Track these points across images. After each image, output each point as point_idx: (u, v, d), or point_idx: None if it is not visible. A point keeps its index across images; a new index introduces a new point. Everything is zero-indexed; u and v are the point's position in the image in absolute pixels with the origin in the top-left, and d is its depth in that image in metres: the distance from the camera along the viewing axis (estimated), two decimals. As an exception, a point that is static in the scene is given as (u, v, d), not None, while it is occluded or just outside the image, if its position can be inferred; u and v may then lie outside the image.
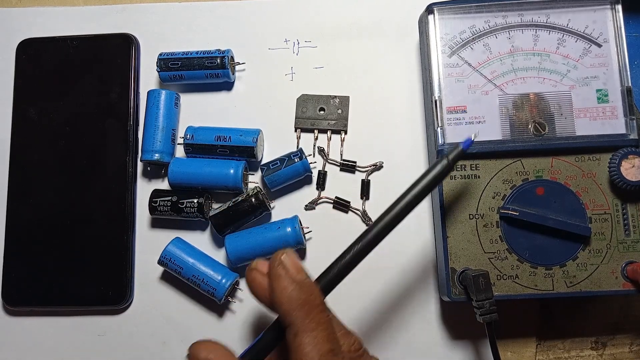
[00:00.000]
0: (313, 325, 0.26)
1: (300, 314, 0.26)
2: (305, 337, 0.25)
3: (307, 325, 0.26)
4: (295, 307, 0.26)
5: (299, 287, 0.27)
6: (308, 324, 0.26)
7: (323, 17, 0.44)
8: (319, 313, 0.26)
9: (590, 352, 0.41)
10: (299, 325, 0.26)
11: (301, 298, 0.27)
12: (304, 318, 0.26)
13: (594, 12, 0.37)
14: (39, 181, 0.42)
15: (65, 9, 0.46)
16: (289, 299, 0.27)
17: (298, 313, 0.26)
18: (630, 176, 0.35)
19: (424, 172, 0.32)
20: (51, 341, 0.42)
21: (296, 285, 0.27)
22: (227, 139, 0.40)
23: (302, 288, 0.27)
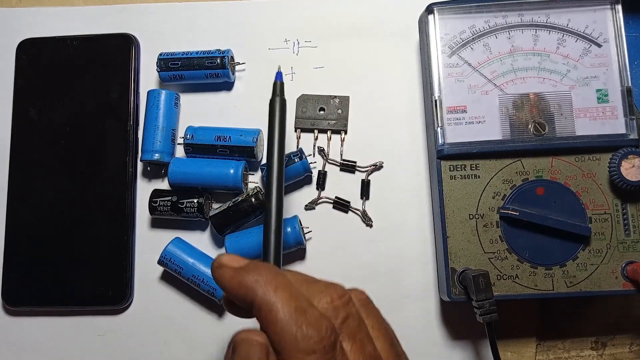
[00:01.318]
0: (270, 293, 0.25)
1: (256, 292, 0.25)
2: (269, 308, 0.25)
3: (265, 297, 0.25)
4: (250, 288, 0.26)
5: (243, 271, 0.27)
6: (265, 295, 0.25)
7: (323, 17, 0.44)
8: (272, 280, 0.26)
9: (590, 352, 0.41)
10: (259, 301, 0.25)
11: (251, 278, 0.26)
12: (260, 293, 0.25)
13: (594, 12, 0.37)
14: (39, 181, 0.42)
15: (65, 9, 0.46)
16: (240, 285, 0.26)
17: (253, 292, 0.25)
18: (630, 176, 0.35)
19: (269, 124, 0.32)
20: (51, 341, 0.42)
21: (239, 269, 0.27)
22: (227, 139, 0.40)
23: (246, 271, 0.26)
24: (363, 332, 0.27)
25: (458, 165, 0.37)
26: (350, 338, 0.26)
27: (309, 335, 0.24)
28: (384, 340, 0.28)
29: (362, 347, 0.26)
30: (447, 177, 0.37)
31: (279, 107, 0.33)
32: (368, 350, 0.26)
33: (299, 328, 0.24)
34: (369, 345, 0.27)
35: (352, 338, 0.26)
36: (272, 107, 0.33)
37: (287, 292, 0.25)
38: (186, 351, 0.41)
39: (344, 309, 0.27)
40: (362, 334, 0.27)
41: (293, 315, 0.24)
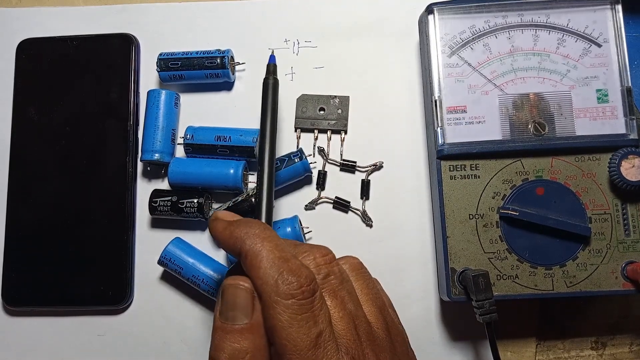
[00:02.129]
0: (257, 245, 0.27)
1: (244, 241, 0.27)
2: (254, 255, 0.26)
3: (252, 246, 0.27)
4: (239, 238, 0.27)
5: (235, 224, 0.28)
6: (252, 244, 0.27)
7: (323, 17, 0.44)
8: (260, 233, 0.27)
9: (590, 352, 0.41)
10: (246, 249, 0.27)
11: (242, 230, 0.27)
12: (248, 243, 0.27)
13: (594, 12, 0.37)
14: (39, 181, 0.42)
15: (65, 9, 0.46)
16: (231, 236, 0.28)
17: (242, 242, 0.27)
18: (630, 176, 0.35)
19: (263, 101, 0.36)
20: (51, 341, 0.42)
21: (231, 222, 0.28)
22: (227, 139, 0.40)
23: (238, 224, 0.28)
24: (345, 290, 0.28)
25: (458, 165, 0.37)
26: (331, 294, 0.27)
27: (289, 281, 0.25)
28: (371, 304, 0.29)
29: (343, 304, 0.27)
30: (447, 177, 0.37)
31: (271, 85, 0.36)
32: (349, 307, 0.27)
33: (280, 274, 0.26)
34: (351, 304, 0.27)
35: (332, 294, 0.27)
36: (266, 85, 0.36)
37: (273, 243, 0.27)
38: (186, 351, 0.41)
39: (326, 266, 0.28)
40: (344, 292, 0.28)
41: (276, 262, 0.26)
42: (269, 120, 0.35)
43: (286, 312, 0.25)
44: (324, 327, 0.25)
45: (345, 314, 0.27)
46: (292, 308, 0.25)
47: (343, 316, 0.26)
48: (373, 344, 0.27)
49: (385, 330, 0.28)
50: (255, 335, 0.26)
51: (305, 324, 0.25)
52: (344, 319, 0.26)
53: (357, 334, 0.26)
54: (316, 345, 0.25)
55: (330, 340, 0.25)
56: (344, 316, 0.27)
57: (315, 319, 0.25)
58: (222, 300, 0.27)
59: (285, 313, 0.25)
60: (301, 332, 0.25)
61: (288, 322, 0.25)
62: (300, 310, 0.25)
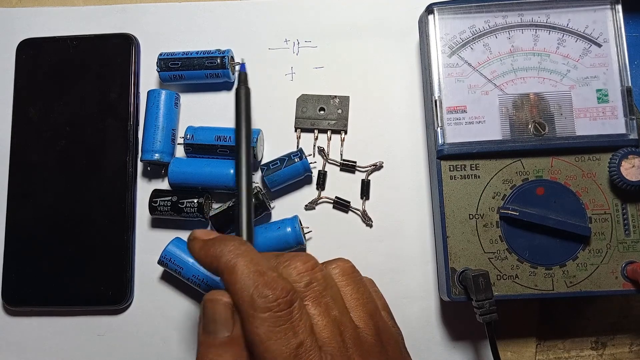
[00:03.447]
0: (232, 260, 0.27)
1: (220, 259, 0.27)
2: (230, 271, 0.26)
3: (228, 263, 0.27)
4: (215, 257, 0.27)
5: (211, 242, 0.28)
6: (228, 261, 0.27)
7: (323, 17, 0.44)
8: (235, 249, 0.27)
9: (590, 352, 0.41)
10: (222, 266, 0.27)
11: (217, 248, 0.27)
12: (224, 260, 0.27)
13: (594, 12, 0.37)
14: (39, 181, 0.42)
15: (65, 9, 0.46)
16: (208, 254, 0.28)
17: (217, 260, 0.27)
18: (630, 176, 0.35)
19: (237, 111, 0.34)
20: (51, 341, 0.42)
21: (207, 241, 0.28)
22: (227, 139, 0.40)
23: (213, 242, 0.28)
24: (330, 296, 0.27)
25: (458, 165, 0.37)
26: (314, 301, 0.27)
27: (264, 294, 0.25)
28: (361, 309, 0.29)
29: (327, 311, 0.27)
30: (447, 177, 0.37)
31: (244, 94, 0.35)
32: (334, 314, 0.27)
33: (256, 288, 0.25)
34: (336, 310, 0.27)
35: (315, 302, 0.27)
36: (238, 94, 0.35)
37: (248, 257, 0.27)
38: (186, 351, 0.41)
39: (307, 274, 0.27)
40: (329, 298, 0.27)
41: (251, 276, 0.26)
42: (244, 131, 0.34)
43: (263, 325, 0.25)
44: (304, 337, 0.25)
45: (329, 321, 0.26)
46: (269, 321, 0.25)
47: (327, 323, 0.26)
48: (361, 349, 0.27)
49: (376, 335, 0.28)
50: (236, 348, 0.26)
51: (283, 336, 0.25)
52: (328, 326, 0.26)
53: (342, 341, 0.26)
54: (296, 356, 0.25)
55: (312, 349, 0.25)
56: (328, 323, 0.26)
57: (294, 329, 0.25)
58: (204, 314, 0.27)
59: (262, 326, 0.25)
60: (280, 344, 0.25)
61: (266, 335, 0.25)
62: (278, 322, 0.25)
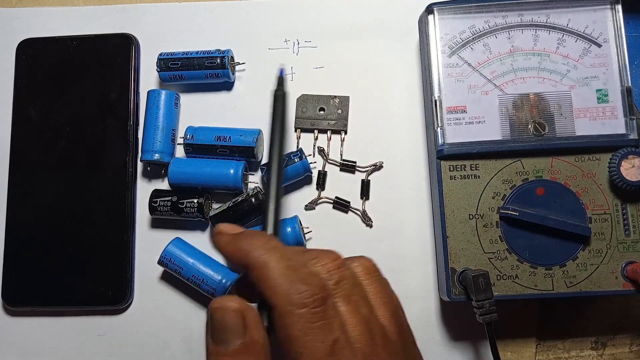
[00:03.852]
0: (264, 256, 0.26)
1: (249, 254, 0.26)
2: (262, 266, 0.26)
3: (259, 258, 0.26)
4: (244, 251, 0.27)
5: (239, 237, 0.28)
6: (259, 256, 0.26)
7: (323, 17, 0.44)
8: (265, 244, 0.27)
9: (590, 352, 0.41)
10: (252, 261, 0.26)
11: (246, 242, 0.27)
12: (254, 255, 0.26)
13: (594, 12, 0.37)
14: (39, 181, 0.42)
15: (65, 9, 0.46)
16: (237, 249, 0.27)
17: (247, 255, 0.26)
18: (630, 176, 0.35)
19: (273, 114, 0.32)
20: (51, 341, 0.42)
21: (235, 235, 0.28)
22: (227, 139, 0.40)
23: (242, 236, 0.28)
24: (358, 295, 0.27)
25: (458, 165, 0.37)
26: (344, 299, 0.26)
27: (300, 290, 0.25)
28: (385, 309, 0.29)
29: (357, 309, 0.27)
30: (447, 177, 0.37)
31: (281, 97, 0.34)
32: (363, 312, 0.27)
33: (291, 282, 0.25)
34: (365, 308, 0.27)
35: (345, 299, 0.27)
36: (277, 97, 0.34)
37: (279, 253, 0.26)
38: (186, 351, 0.41)
39: (336, 271, 0.27)
40: (357, 296, 0.27)
41: (284, 271, 0.25)
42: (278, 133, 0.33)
43: (300, 321, 0.24)
44: (339, 334, 0.25)
45: (359, 319, 0.26)
46: (305, 317, 0.24)
47: (358, 321, 0.26)
48: (388, 347, 0.27)
49: (399, 334, 0.28)
50: (251, 354, 0.25)
51: (320, 332, 0.25)
52: (359, 324, 0.26)
53: (372, 339, 0.26)
54: (333, 353, 0.24)
55: (346, 346, 0.25)
56: (359, 321, 0.26)
57: (329, 326, 0.25)
58: (212, 324, 0.26)
59: (299, 322, 0.24)
60: (317, 340, 0.24)
61: (303, 332, 0.24)
62: (314, 318, 0.25)
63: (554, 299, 0.37)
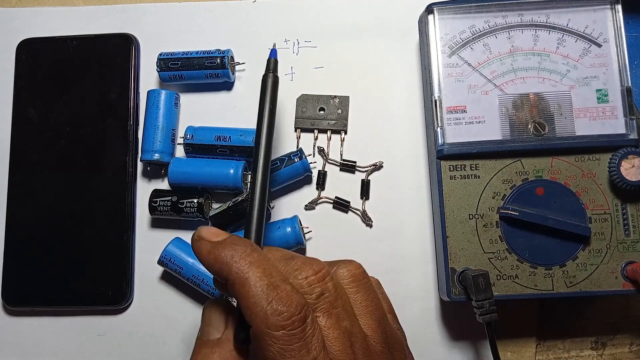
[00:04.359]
0: (245, 268, 0.26)
1: (230, 268, 0.26)
2: (242, 283, 0.25)
3: (239, 273, 0.26)
4: (225, 263, 0.26)
5: (220, 246, 0.27)
6: (239, 271, 0.26)
7: (323, 17, 0.44)
8: (247, 256, 0.26)
9: (590, 352, 0.41)
10: (233, 276, 0.26)
11: (227, 253, 0.27)
12: (235, 269, 0.26)
13: (594, 12, 0.37)
14: (39, 181, 0.42)
15: (65, 9, 0.46)
16: (216, 259, 0.27)
17: (228, 268, 0.26)
18: (630, 176, 0.35)
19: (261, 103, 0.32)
20: (51, 341, 0.42)
21: (216, 244, 0.27)
22: (227, 139, 0.40)
23: (223, 246, 0.27)
24: (341, 306, 0.27)
25: (458, 165, 0.37)
26: (325, 313, 0.26)
27: (279, 311, 0.25)
28: (369, 317, 0.28)
29: (338, 322, 0.26)
30: (447, 177, 0.37)
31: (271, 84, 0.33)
32: (344, 325, 0.26)
33: (269, 303, 0.25)
34: (346, 321, 0.27)
35: (327, 313, 0.26)
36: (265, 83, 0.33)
37: (261, 268, 0.26)
38: (186, 351, 0.41)
39: (319, 284, 0.27)
40: (339, 309, 0.27)
41: (265, 290, 0.25)
42: (266, 124, 0.32)
43: (277, 343, 0.24)
44: (317, 353, 0.25)
45: (340, 333, 0.26)
46: (283, 339, 0.24)
47: (338, 335, 0.26)
48: (372, 359, 0.27)
49: (383, 343, 0.28)
50: (223, 349, 0.27)
51: (298, 353, 0.24)
52: (339, 339, 0.26)
53: (352, 352, 0.26)
54: None
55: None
56: (339, 335, 0.26)
57: (307, 346, 0.24)
58: (202, 319, 0.29)
59: (276, 344, 0.24)
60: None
61: (280, 353, 0.24)
62: (292, 340, 0.24)
63: (554, 299, 0.37)
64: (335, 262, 0.31)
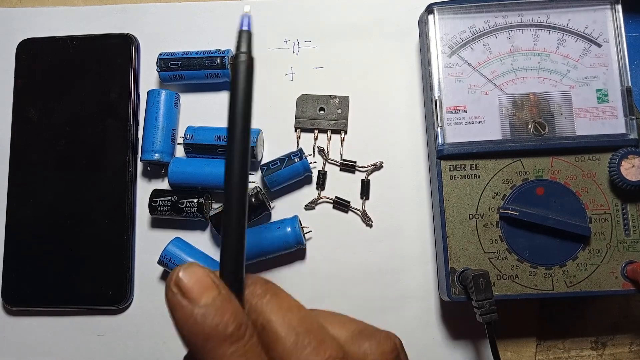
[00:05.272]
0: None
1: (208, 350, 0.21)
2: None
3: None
4: (201, 342, 0.21)
5: (202, 314, 0.21)
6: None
7: (323, 17, 0.44)
8: (233, 343, 0.21)
9: (590, 352, 0.41)
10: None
11: (207, 329, 0.21)
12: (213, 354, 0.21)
13: (594, 12, 0.37)
14: (39, 181, 0.42)
15: (65, 9, 0.46)
16: (192, 332, 0.22)
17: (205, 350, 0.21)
18: (630, 176, 0.35)
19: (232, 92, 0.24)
20: (51, 341, 0.42)
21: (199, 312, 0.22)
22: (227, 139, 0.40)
23: (207, 315, 0.21)
24: None
25: (458, 165, 0.37)
26: None
27: None
28: None
29: None
30: (447, 177, 0.37)
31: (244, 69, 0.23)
32: None
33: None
34: None
35: None
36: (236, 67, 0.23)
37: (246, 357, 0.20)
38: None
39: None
40: None
41: None
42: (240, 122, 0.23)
43: None
44: None
45: None
46: None
47: None
48: None
49: None
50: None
51: None
52: None
53: None
54: None
55: None
56: None
57: None
58: None
59: None
60: None
61: None
62: None
63: (554, 299, 0.37)
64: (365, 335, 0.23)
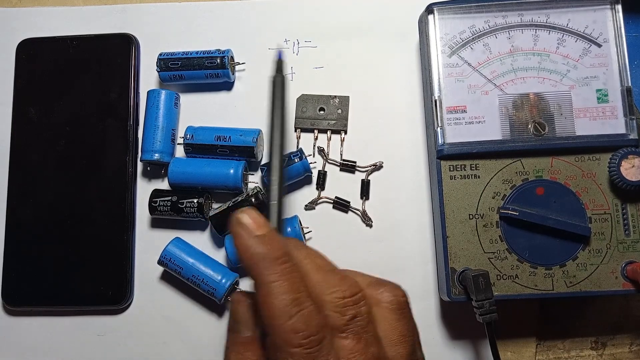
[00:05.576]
0: (273, 277, 0.25)
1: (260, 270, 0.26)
2: (268, 292, 0.25)
3: (266, 281, 0.25)
4: (255, 262, 0.26)
5: (257, 241, 0.26)
6: (268, 278, 0.25)
7: (323, 17, 0.44)
8: (278, 264, 0.26)
9: (590, 352, 0.41)
10: (260, 281, 0.25)
11: (260, 252, 0.26)
12: (264, 274, 0.25)
13: (594, 12, 0.37)
14: (39, 181, 0.42)
15: (65, 9, 0.46)
16: (249, 255, 0.26)
17: (258, 269, 0.26)
18: (630, 176, 0.35)
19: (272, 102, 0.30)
20: (51, 341, 0.42)
21: (255, 240, 0.26)
22: (227, 139, 0.40)
23: (261, 242, 0.26)
24: (370, 332, 0.26)
25: (458, 165, 0.37)
26: (355, 336, 0.26)
27: (298, 329, 0.24)
28: (404, 346, 0.28)
29: (366, 347, 0.26)
30: (447, 177, 0.37)
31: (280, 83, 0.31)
32: (371, 350, 0.26)
33: (290, 319, 0.24)
34: (373, 347, 0.26)
35: (356, 337, 0.26)
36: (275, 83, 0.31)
37: (289, 282, 0.25)
38: (186, 351, 0.41)
39: (353, 307, 0.26)
40: (369, 334, 0.26)
41: (288, 305, 0.25)
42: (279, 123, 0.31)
43: (291, 358, 0.24)
44: None
45: (366, 358, 0.26)
46: (297, 356, 0.24)
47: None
48: None
49: None
50: (257, 348, 0.26)
51: None
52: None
53: None
54: None
55: None
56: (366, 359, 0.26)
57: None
58: (230, 313, 0.28)
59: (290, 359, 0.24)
60: None
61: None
62: (307, 358, 0.24)
63: (554, 299, 0.37)
64: (381, 282, 0.30)
